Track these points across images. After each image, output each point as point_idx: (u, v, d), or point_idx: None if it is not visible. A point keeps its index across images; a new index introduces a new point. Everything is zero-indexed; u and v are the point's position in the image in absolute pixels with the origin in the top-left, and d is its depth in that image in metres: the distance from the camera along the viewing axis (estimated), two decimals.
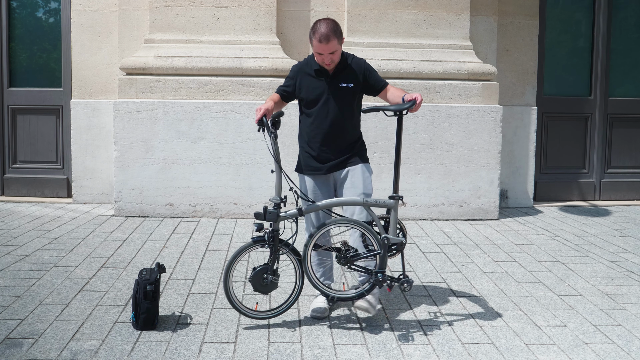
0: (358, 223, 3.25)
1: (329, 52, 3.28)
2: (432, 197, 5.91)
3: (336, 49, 3.30)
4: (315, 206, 3.29)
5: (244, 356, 2.93)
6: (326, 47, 3.26)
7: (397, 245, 3.26)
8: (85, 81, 6.36)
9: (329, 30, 3.25)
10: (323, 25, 3.27)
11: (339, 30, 3.32)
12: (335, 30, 3.28)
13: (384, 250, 3.22)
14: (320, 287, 3.28)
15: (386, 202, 3.27)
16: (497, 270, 4.35)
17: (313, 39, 3.29)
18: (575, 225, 5.82)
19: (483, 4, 6.26)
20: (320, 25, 3.28)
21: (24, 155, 6.61)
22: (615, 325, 3.36)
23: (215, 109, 5.76)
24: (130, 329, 3.21)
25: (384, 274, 3.21)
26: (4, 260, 4.35)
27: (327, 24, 3.28)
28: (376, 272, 3.21)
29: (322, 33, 3.24)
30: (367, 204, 3.25)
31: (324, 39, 3.24)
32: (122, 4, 6.07)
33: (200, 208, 5.81)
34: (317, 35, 3.26)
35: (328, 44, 3.25)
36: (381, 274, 3.20)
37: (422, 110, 5.85)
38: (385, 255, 3.23)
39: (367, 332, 3.23)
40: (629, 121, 6.93)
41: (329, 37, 3.24)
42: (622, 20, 6.91)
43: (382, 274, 3.20)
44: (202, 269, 4.25)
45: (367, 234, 3.26)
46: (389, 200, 3.27)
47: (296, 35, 6.10)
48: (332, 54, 3.29)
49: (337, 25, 3.32)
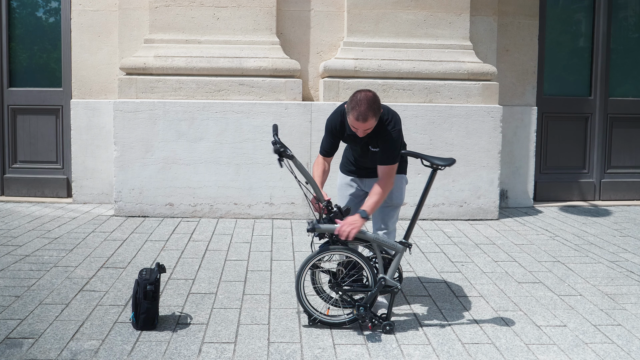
0: (360, 255, 3.23)
1: (364, 129, 3.20)
2: (432, 197, 5.91)
3: (372, 126, 3.21)
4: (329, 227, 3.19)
5: (244, 356, 2.93)
6: (362, 125, 3.17)
7: (391, 288, 3.25)
8: (85, 81, 6.36)
9: (367, 110, 3.13)
10: (363, 104, 3.13)
11: (377, 106, 3.18)
12: (374, 109, 3.15)
13: (377, 290, 3.20)
14: (307, 307, 3.24)
15: (395, 245, 3.27)
16: (497, 270, 4.35)
17: (350, 114, 3.18)
18: (575, 225, 5.82)
19: (483, 4, 6.25)
20: (361, 103, 3.14)
21: (24, 155, 6.61)
22: (615, 325, 3.36)
23: (215, 109, 5.76)
24: (130, 329, 3.21)
25: (368, 311, 3.18)
26: (4, 260, 4.35)
27: (367, 102, 3.14)
28: (359, 306, 3.17)
29: (361, 112, 3.13)
30: (377, 241, 3.24)
31: (362, 119, 3.14)
32: (122, 4, 6.07)
33: (200, 208, 5.81)
34: (355, 113, 3.15)
35: (365, 123, 3.16)
36: (364, 309, 3.17)
37: (422, 110, 5.86)
38: (376, 294, 3.22)
39: (367, 332, 3.23)
40: (629, 121, 6.93)
41: (367, 117, 3.14)
42: (622, 20, 6.91)
43: (366, 310, 3.17)
44: (202, 269, 4.26)
45: (365, 268, 3.24)
46: (398, 245, 3.27)
47: (296, 35, 6.10)
48: (367, 129, 3.22)
49: (376, 102, 3.17)
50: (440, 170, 3.32)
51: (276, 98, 5.83)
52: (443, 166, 3.29)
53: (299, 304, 3.27)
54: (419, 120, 5.83)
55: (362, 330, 3.25)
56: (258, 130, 5.77)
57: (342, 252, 3.24)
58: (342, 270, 3.26)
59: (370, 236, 3.23)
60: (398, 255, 3.26)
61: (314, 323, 3.25)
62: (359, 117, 3.14)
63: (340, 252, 3.24)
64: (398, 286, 3.25)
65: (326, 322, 3.24)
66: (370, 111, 3.14)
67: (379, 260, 3.24)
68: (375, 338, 3.15)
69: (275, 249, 4.80)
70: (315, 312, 3.24)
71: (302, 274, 3.21)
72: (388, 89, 5.86)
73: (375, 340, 3.13)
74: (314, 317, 3.23)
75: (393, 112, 3.39)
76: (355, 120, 3.17)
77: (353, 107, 3.17)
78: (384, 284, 3.21)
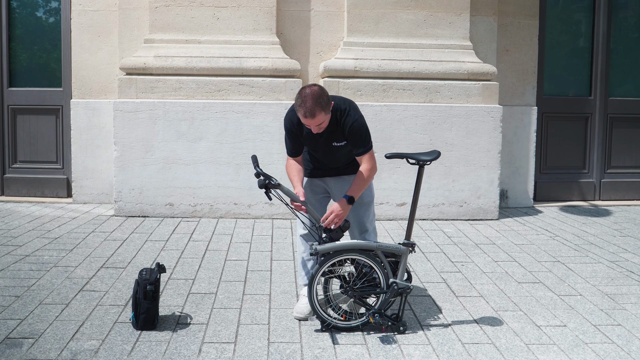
0: (372, 259, 3.21)
1: (316, 125, 3.14)
2: (432, 197, 5.91)
3: (323, 120, 3.14)
4: (330, 246, 3.18)
5: (244, 356, 2.93)
6: (312, 121, 3.10)
7: (403, 290, 3.23)
8: (85, 81, 6.36)
9: (314, 105, 3.05)
10: (309, 100, 3.06)
11: (324, 100, 3.09)
12: (321, 103, 3.07)
13: (390, 294, 3.20)
14: (320, 314, 3.22)
15: (398, 248, 3.25)
16: (497, 270, 4.35)
17: (298, 112, 3.12)
18: (575, 225, 5.82)
19: (483, 4, 6.26)
20: (306, 99, 3.07)
21: (24, 155, 6.61)
22: (615, 325, 3.36)
23: (215, 109, 5.76)
24: (130, 329, 3.21)
25: (383, 316, 3.18)
26: (4, 260, 4.35)
27: (312, 97, 3.06)
28: (374, 313, 3.16)
29: (308, 108, 3.06)
30: (380, 248, 3.22)
31: (310, 115, 3.08)
32: (122, 4, 6.07)
33: (200, 208, 5.81)
34: (302, 110, 3.08)
35: (314, 119, 3.09)
36: (379, 316, 3.17)
37: (422, 110, 5.86)
38: (389, 299, 3.22)
39: (367, 332, 3.23)
40: (629, 121, 6.94)
41: (314, 113, 3.07)
42: (622, 20, 6.91)
43: (381, 316, 3.18)
44: (202, 269, 4.26)
45: (378, 272, 3.22)
46: (401, 247, 3.25)
47: (296, 35, 6.10)
48: (319, 124, 3.15)
49: (322, 96, 3.09)
50: (427, 165, 3.27)
51: (276, 98, 5.83)
52: (429, 161, 3.23)
53: (310, 305, 3.22)
54: (419, 120, 5.83)
55: (362, 330, 3.25)
56: (258, 130, 5.77)
57: (357, 256, 3.21)
58: (353, 274, 3.24)
59: (372, 245, 3.22)
60: (404, 257, 3.25)
61: (327, 328, 3.22)
62: (306, 114, 3.08)
63: (356, 256, 3.21)
64: (410, 287, 3.24)
65: (339, 327, 3.22)
66: (317, 106, 3.06)
67: (386, 265, 3.23)
68: (376, 338, 3.15)
69: (275, 249, 4.80)
70: (329, 318, 3.22)
71: (313, 282, 3.18)
72: (388, 89, 5.86)
73: (375, 340, 3.13)
74: (327, 322, 3.21)
75: (349, 101, 3.32)
76: (304, 118, 3.11)
77: (300, 104, 3.09)
78: (397, 288, 3.20)
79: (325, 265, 3.19)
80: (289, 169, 3.42)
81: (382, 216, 5.85)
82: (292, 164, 3.42)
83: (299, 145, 3.41)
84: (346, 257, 3.21)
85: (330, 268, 3.22)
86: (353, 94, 5.80)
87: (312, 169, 3.54)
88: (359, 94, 5.83)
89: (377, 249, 3.22)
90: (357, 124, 3.25)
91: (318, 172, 3.53)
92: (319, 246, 3.15)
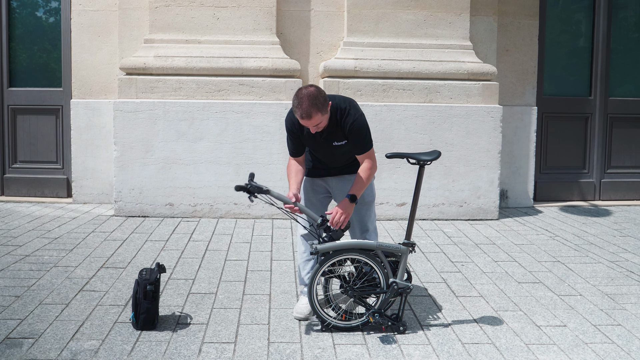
0: (373, 259, 3.21)
1: (313, 125, 3.15)
2: (432, 197, 5.91)
3: (320, 121, 3.14)
4: (330, 246, 3.18)
5: (244, 356, 2.93)
6: (309, 122, 3.12)
7: (403, 289, 3.24)
8: (85, 81, 6.36)
9: (310, 106, 3.06)
10: (305, 101, 3.07)
11: (321, 101, 3.10)
12: (317, 104, 3.08)
13: (390, 294, 3.20)
14: (320, 314, 3.22)
15: (398, 248, 3.25)
16: (497, 270, 4.35)
17: (296, 114, 3.13)
18: (575, 225, 5.82)
19: (483, 4, 6.26)
20: (303, 101, 3.07)
21: (24, 155, 6.61)
22: (615, 325, 3.36)
23: (215, 109, 5.76)
24: (130, 329, 3.21)
25: (383, 316, 3.19)
26: (4, 260, 4.35)
27: (308, 98, 3.07)
28: (374, 313, 3.17)
29: (304, 110, 3.07)
30: (380, 248, 3.22)
31: (306, 116, 3.09)
32: (122, 4, 6.07)
33: (200, 208, 5.81)
34: (299, 112, 3.09)
35: (311, 120, 3.10)
36: (379, 315, 3.18)
37: (422, 110, 5.86)
38: (389, 299, 3.22)
39: (367, 332, 3.23)
40: (629, 121, 6.94)
41: (311, 114, 3.08)
42: (622, 20, 6.91)
43: (381, 316, 3.18)
44: (202, 269, 4.26)
45: (378, 272, 3.22)
46: (401, 247, 3.25)
47: (296, 35, 6.10)
48: (317, 124, 3.16)
49: (319, 97, 3.09)
50: (427, 165, 3.29)
51: (276, 98, 5.83)
52: (429, 161, 3.25)
53: (311, 305, 3.22)
54: (419, 120, 5.83)
55: (362, 330, 3.25)
56: (258, 130, 5.77)
57: (357, 256, 3.21)
58: (353, 273, 3.25)
59: (372, 244, 3.22)
60: (404, 257, 3.25)
61: (327, 328, 3.22)
62: (303, 115, 3.09)
63: (355, 256, 3.21)
64: (410, 287, 3.24)
65: (339, 326, 3.22)
66: (314, 107, 3.07)
67: (386, 265, 3.23)
68: (376, 338, 3.15)
69: (275, 249, 4.80)
70: (329, 318, 3.22)
71: (313, 282, 3.18)
72: (388, 89, 5.86)
73: (375, 340, 3.13)
74: (327, 322, 3.21)
75: (349, 99, 3.33)
76: (301, 119, 3.12)
77: (296, 106, 3.10)
78: (397, 288, 3.20)
79: (325, 265, 3.19)
80: (288, 170, 3.44)
81: (382, 216, 5.85)
82: (292, 164, 3.44)
83: (300, 146, 3.41)
84: (346, 256, 3.22)
85: (330, 268, 3.22)
86: (353, 94, 5.80)
87: (314, 169, 3.55)
88: (359, 94, 5.83)
89: (377, 249, 3.22)
90: (357, 123, 3.25)
91: (319, 172, 3.54)
92: (319, 245, 3.16)
